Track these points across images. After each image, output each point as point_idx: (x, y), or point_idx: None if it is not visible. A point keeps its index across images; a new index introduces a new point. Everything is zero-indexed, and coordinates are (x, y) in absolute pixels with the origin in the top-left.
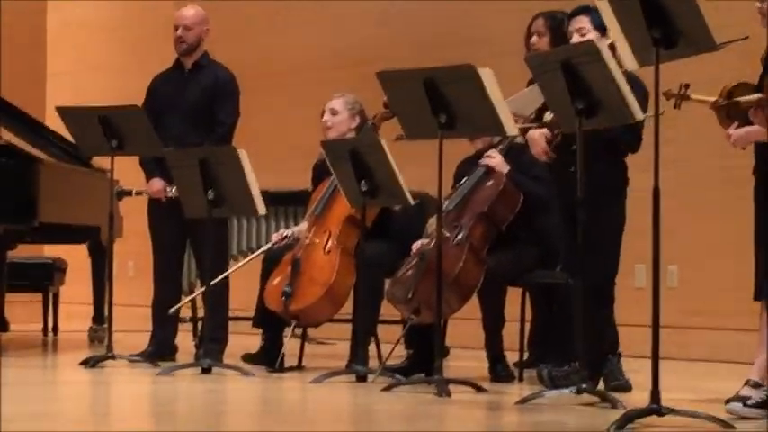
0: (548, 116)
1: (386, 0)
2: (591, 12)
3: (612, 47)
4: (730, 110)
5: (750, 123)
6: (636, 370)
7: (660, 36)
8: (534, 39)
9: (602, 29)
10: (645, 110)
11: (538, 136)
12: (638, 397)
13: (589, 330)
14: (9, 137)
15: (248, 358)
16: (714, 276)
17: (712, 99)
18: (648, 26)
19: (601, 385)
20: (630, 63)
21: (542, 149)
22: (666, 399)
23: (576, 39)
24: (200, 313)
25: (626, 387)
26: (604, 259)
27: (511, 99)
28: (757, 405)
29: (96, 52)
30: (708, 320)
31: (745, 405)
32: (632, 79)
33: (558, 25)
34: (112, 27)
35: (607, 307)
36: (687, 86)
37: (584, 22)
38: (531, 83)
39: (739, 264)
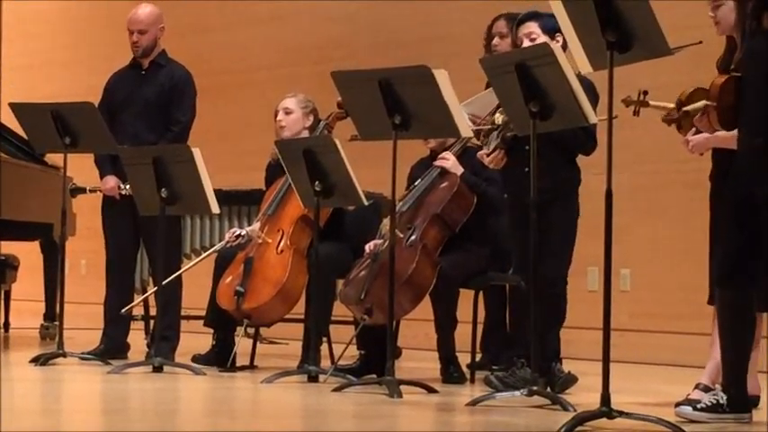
0: (498, 117)
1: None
2: (539, 17)
3: (564, 47)
4: (682, 120)
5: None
6: (587, 372)
7: (614, 40)
8: (496, 40)
9: (551, 33)
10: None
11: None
12: (589, 400)
13: (540, 332)
14: None
15: (199, 359)
16: (667, 280)
17: (671, 105)
18: (603, 30)
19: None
20: (585, 66)
21: (496, 163)
22: (617, 402)
23: (526, 44)
24: (153, 312)
25: (572, 379)
26: (557, 260)
27: (470, 101)
28: (707, 409)
29: (52, 48)
30: (660, 324)
31: (694, 409)
32: (584, 83)
33: None
34: (69, 23)
35: (559, 308)
36: (645, 93)
37: (533, 27)
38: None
39: (692, 268)
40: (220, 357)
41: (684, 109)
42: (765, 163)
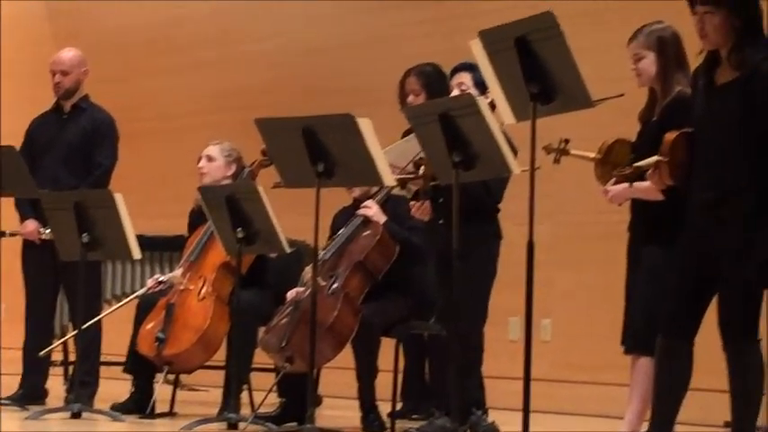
0: (422, 169)
1: (266, 46)
2: (473, 70)
3: (493, 105)
4: (633, 176)
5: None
6: (508, 423)
7: (537, 91)
8: (411, 98)
9: (482, 87)
10: None
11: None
12: None
13: (459, 381)
14: None
15: (118, 407)
16: (587, 330)
17: (591, 155)
18: (526, 81)
19: None
20: (508, 117)
21: (423, 214)
22: None
23: (456, 93)
24: (72, 357)
25: (493, 429)
26: (471, 312)
27: (386, 149)
28: None
29: None
30: (580, 374)
31: None
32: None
33: (431, 81)
34: None
35: (476, 358)
36: (567, 141)
37: (465, 78)
38: (406, 134)
39: (612, 318)
40: (140, 404)
41: (637, 165)
42: (715, 217)
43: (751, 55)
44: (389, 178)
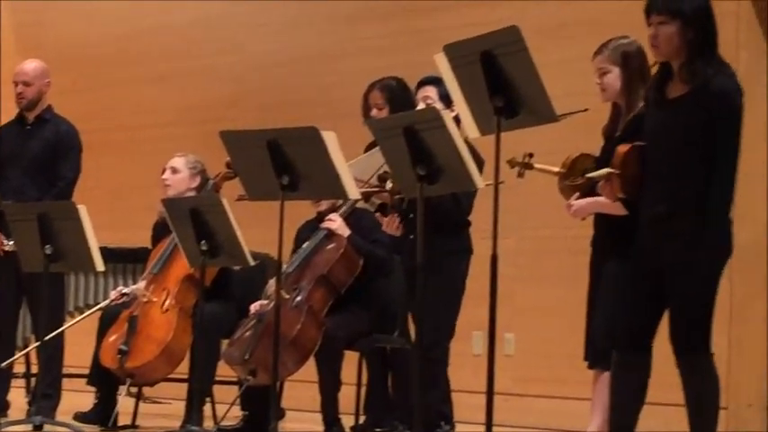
0: (389, 184)
1: (230, 59)
2: (439, 84)
3: (458, 119)
4: (583, 186)
5: (591, 195)
6: None
7: (502, 105)
8: (374, 112)
9: (447, 100)
10: None
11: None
12: None
13: (423, 395)
14: None
15: (81, 417)
16: (550, 345)
17: (555, 169)
18: (491, 95)
19: None
20: (472, 131)
21: (393, 228)
22: None
23: (421, 107)
24: (34, 369)
25: None
26: (435, 326)
27: (350, 163)
28: None
29: None
30: (543, 388)
31: None
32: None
33: (395, 95)
34: None
35: (439, 372)
36: (531, 155)
37: (430, 91)
38: (370, 147)
39: (576, 333)
40: (102, 416)
41: (588, 176)
42: (667, 230)
43: (702, 69)
44: (354, 191)
